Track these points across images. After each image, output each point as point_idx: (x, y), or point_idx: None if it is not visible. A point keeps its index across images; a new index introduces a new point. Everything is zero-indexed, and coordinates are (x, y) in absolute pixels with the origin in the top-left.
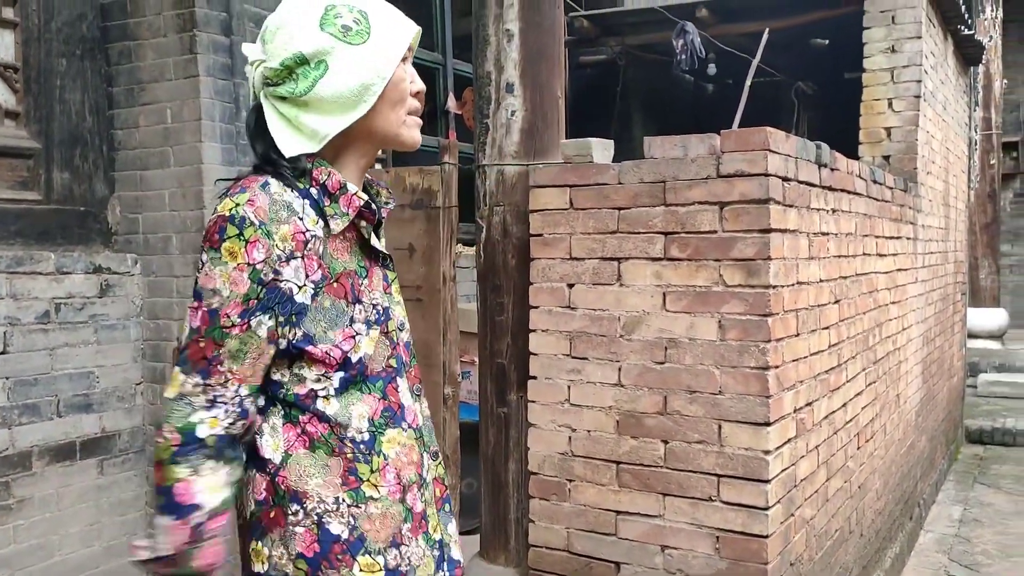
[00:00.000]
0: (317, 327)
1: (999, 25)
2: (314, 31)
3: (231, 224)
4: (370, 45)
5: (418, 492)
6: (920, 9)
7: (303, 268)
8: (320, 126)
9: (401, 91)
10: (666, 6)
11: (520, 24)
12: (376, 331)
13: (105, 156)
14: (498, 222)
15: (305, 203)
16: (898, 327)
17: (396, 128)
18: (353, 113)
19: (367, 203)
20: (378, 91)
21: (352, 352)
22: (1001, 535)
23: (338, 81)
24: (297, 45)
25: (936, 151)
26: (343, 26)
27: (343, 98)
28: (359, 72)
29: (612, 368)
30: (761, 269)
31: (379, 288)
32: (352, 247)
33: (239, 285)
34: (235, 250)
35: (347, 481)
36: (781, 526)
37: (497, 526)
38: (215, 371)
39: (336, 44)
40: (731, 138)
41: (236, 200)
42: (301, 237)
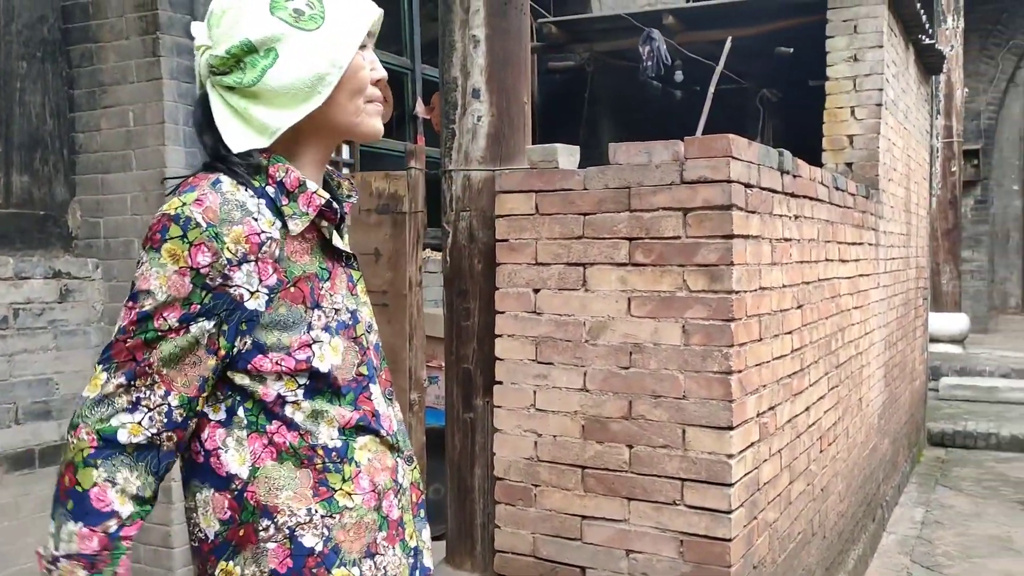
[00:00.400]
0: (269, 336)
1: (960, 35)
2: (263, 15)
3: (175, 224)
4: (324, 31)
5: (394, 498)
6: (882, 19)
7: (256, 272)
8: (270, 119)
9: (359, 80)
10: (633, 13)
11: (486, 30)
12: (340, 338)
13: (66, 159)
14: (464, 227)
15: (260, 203)
16: (860, 331)
17: (355, 119)
18: (307, 105)
19: (328, 202)
20: (334, 81)
21: (317, 362)
22: (962, 536)
23: (289, 71)
24: (244, 31)
25: (898, 158)
26: (295, 10)
27: (295, 89)
28: (312, 61)
29: (578, 373)
30: (724, 274)
31: (343, 290)
32: (313, 248)
33: (179, 289)
34: (177, 252)
35: (319, 492)
36: (744, 529)
37: (463, 532)
38: (142, 372)
39: (287, 30)
40: (695, 145)
41: (183, 199)
42: (255, 239)
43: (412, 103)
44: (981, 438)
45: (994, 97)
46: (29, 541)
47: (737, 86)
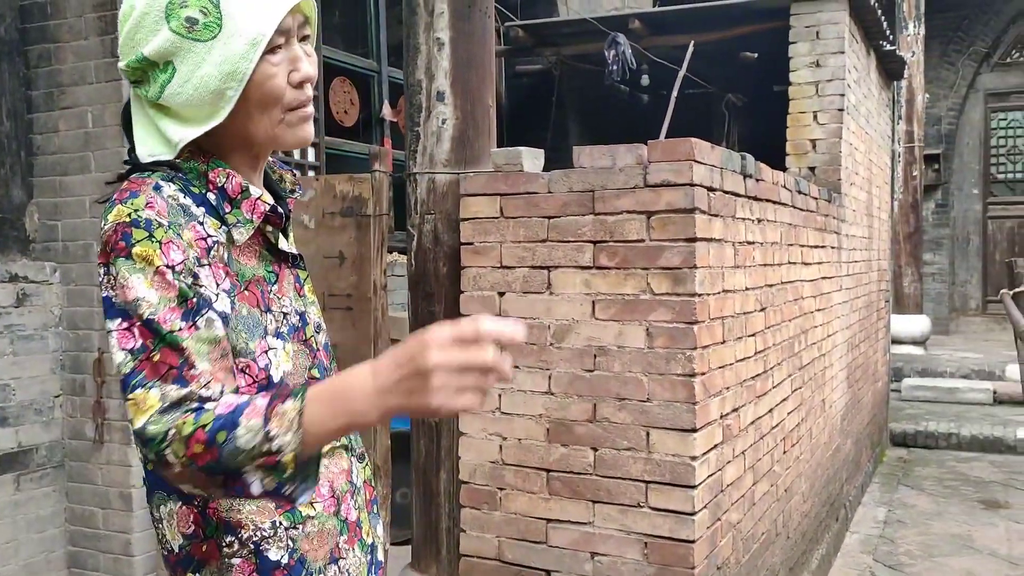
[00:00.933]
0: (238, 338)
1: (921, 41)
2: (159, 26)
3: (136, 228)
4: (221, 40)
5: (351, 500)
6: (843, 25)
7: (212, 276)
8: (173, 132)
9: (268, 91)
10: (599, 17)
11: (451, 33)
12: (291, 343)
13: (23, 161)
14: (429, 230)
15: (201, 210)
16: (823, 334)
17: (272, 131)
18: (212, 121)
19: (273, 206)
20: (234, 96)
21: (273, 370)
22: (923, 535)
23: (187, 87)
24: (140, 45)
25: (860, 163)
26: (188, 19)
27: (196, 106)
28: (208, 75)
29: (542, 376)
30: (687, 277)
31: (291, 292)
32: (259, 251)
33: (167, 288)
34: (149, 253)
35: (281, 504)
36: (707, 531)
37: (429, 536)
38: (191, 376)
39: (181, 42)
40: (658, 148)
41: (131, 205)
42: (203, 244)
43: (379, 106)
44: (942, 438)
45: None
46: None
47: (703, 90)
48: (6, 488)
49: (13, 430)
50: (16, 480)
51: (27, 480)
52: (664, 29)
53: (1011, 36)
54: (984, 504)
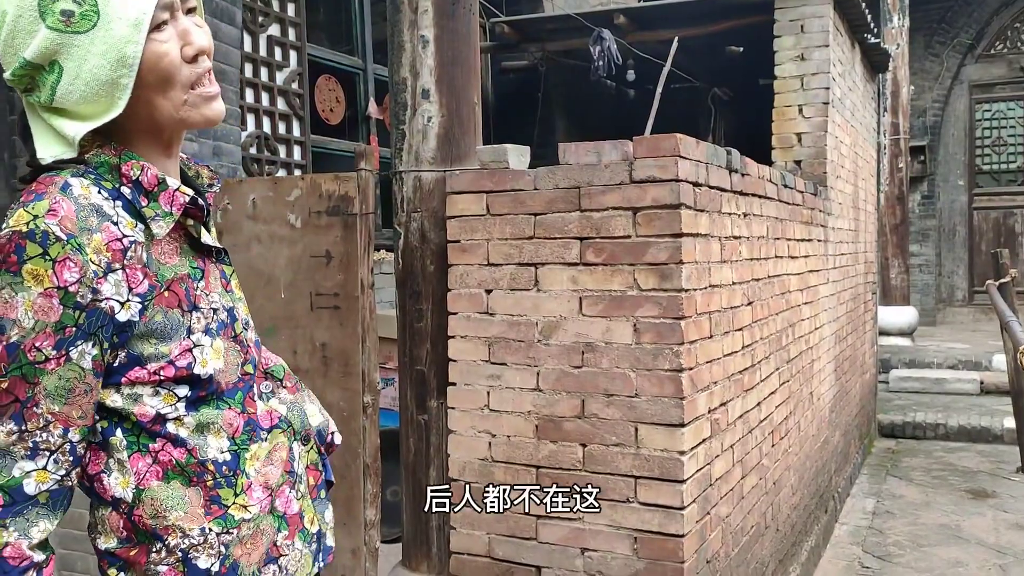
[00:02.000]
0: (146, 346)
1: (906, 33)
2: (35, 26)
3: (31, 242)
4: (102, 28)
5: (290, 492)
6: (828, 19)
7: (124, 281)
8: (71, 130)
9: (162, 71)
10: (584, 13)
11: (435, 30)
12: (220, 340)
13: (6, 163)
14: (416, 228)
15: (117, 204)
16: (811, 327)
17: (179, 114)
18: (110, 113)
19: (193, 198)
20: (129, 83)
21: (198, 368)
22: (912, 526)
23: (77, 84)
24: (19, 48)
25: (845, 155)
26: (63, 12)
27: (91, 101)
28: (97, 67)
29: (531, 373)
30: (674, 273)
31: (218, 288)
32: (181, 247)
33: (48, 313)
34: (40, 273)
35: (211, 510)
36: (697, 525)
37: (419, 534)
38: (32, 414)
39: (60, 38)
40: (643, 144)
41: (33, 211)
42: (118, 245)
43: (364, 103)
44: (930, 428)
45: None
46: None
47: (689, 85)
48: None
49: None
50: None
51: None
52: (649, 24)
53: (995, 28)
54: (972, 494)
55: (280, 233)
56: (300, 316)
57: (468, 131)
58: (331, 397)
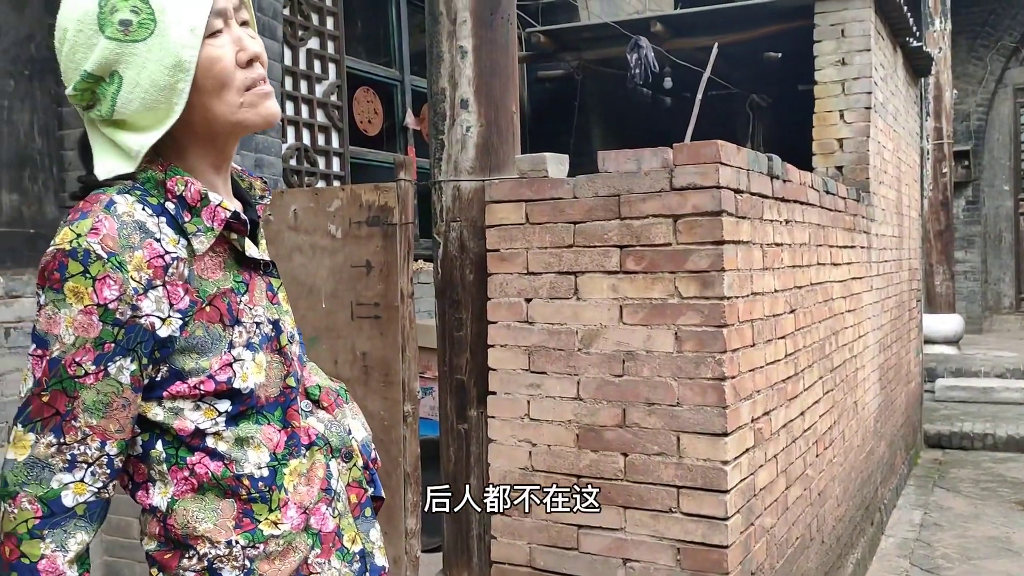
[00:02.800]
0: (187, 360)
1: (948, 37)
2: (95, 38)
3: (73, 260)
4: (159, 35)
5: (326, 509)
6: (869, 23)
7: (165, 297)
8: (133, 143)
9: (218, 75)
10: (621, 21)
11: (474, 41)
12: (263, 354)
13: (55, 177)
14: (455, 238)
15: (161, 221)
16: (854, 335)
17: (234, 117)
18: (168, 121)
19: (235, 213)
20: (186, 88)
21: (238, 382)
22: (961, 538)
23: (137, 92)
24: (80, 62)
25: (888, 161)
26: (121, 22)
27: (149, 108)
28: (156, 73)
29: (571, 382)
30: (715, 280)
31: (263, 301)
32: (225, 261)
33: (88, 329)
34: (80, 290)
35: (241, 523)
36: (741, 536)
37: (459, 543)
38: (70, 428)
39: (120, 48)
40: (683, 151)
41: (76, 229)
42: (159, 262)
43: (402, 114)
44: (978, 439)
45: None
46: None
47: (727, 92)
48: None
49: None
50: None
51: None
52: (686, 31)
53: None
54: (1022, 505)
55: (321, 243)
56: (341, 326)
57: (506, 140)
58: (372, 406)
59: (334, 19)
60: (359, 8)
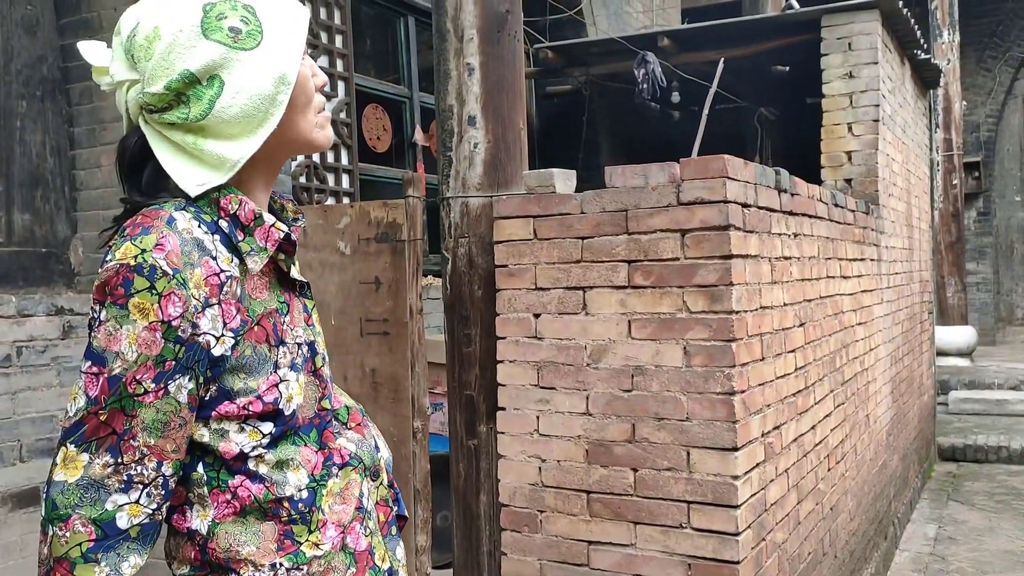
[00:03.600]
0: (236, 380)
1: (956, 48)
2: (198, 40)
3: (139, 276)
4: (266, 47)
5: (359, 528)
6: (876, 35)
7: (220, 316)
8: (228, 152)
9: (308, 92)
10: (628, 36)
11: (480, 58)
12: (302, 374)
13: (67, 197)
14: (463, 254)
15: (215, 239)
16: (865, 348)
17: (309, 134)
18: (263, 131)
19: (287, 234)
20: (285, 100)
21: (284, 403)
22: (976, 552)
23: (239, 98)
24: (182, 61)
25: (897, 173)
26: (231, 29)
27: (248, 116)
28: (260, 82)
29: (580, 397)
30: (724, 295)
31: (301, 323)
32: (271, 281)
33: (151, 346)
34: (146, 306)
35: (283, 546)
36: (752, 551)
37: (470, 560)
38: (128, 447)
39: (228, 53)
40: (690, 166)
41: (140, 244)
42: (215, 280)
43: (411, 131)
44: (992, 451)
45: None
46: None
47: (735, 106)
48: None
49: None
50: None
51: None
52: (693, 46)
53: None
54: None
55: (330, 260)
56: (350, 342)
57: (514, 156)
58: (381, 422)
59: (343, 37)
60: (368, 26)
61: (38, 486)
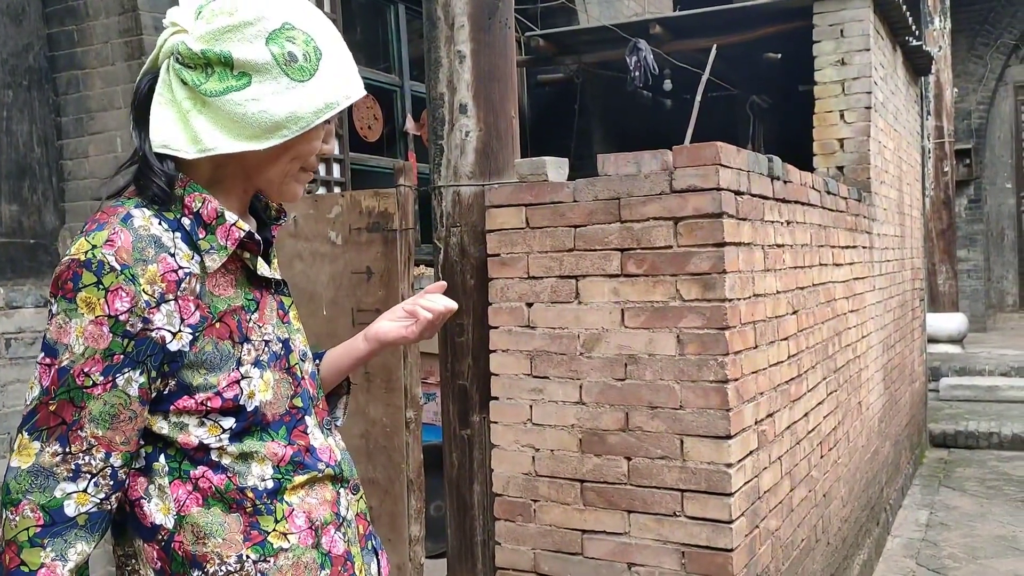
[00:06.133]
0: (195, 376)
1: (948, 35)
2: (257, 40)
3: (87, 271)
4: (307, 88)
5: (336, 533)
6: (868, 22)
7: (177, 312)
8: (207, 137)
9: (308, 149)
10: (620, 24)
11: (472, 45)
12: (271, 371)
13: (55, 187)
14: (455, 243)
15: (176, 236)
16: (857, 335)
17: (281, 181)
18: (248, 144)
19: (250, 232)
20: (288, 137)
21: (245, 400)
22: (967, 537)
23: (251, 106)
24: (232, 45)
25: (889, 160)
26: (290, 53)
27: (247, 124)
28: (278, 108)
29: (573, 386)
30: (717, 283)
31: (272, 320)
32: (237, 279)
33: (98, 340)
34: (93, 301)
35: (250, 536)
36: (746, 539)
37: (464, 549)
38: (76, 437)
39: (272, 68)
40: (683, 153)
41: (92, 240)
42: (172, 276)
43: (402, 120)
44: (983, 438)
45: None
46: None
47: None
48: None
49: None
50: None
51: None
52: (685, 33)
53: None
54: None
55: (321, 250)
56: (342, 332)
57: (506, 145)
58: (374, 413)
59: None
60: (358, 14)
61: None
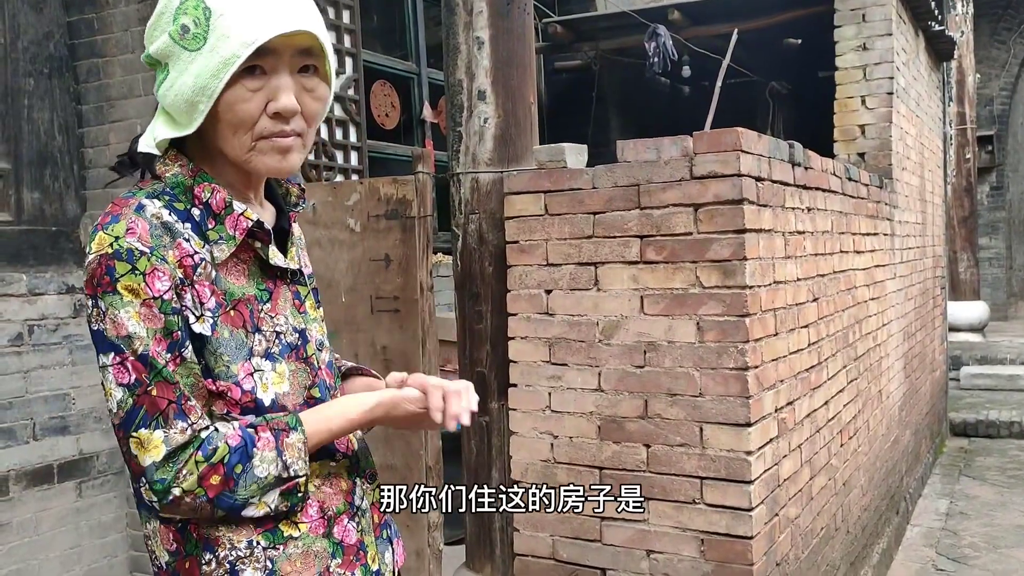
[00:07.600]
0: (219, 362)
1: (970, 20)
2: (166, 28)
3: (119, 261)
4: (203, 53)
5: (350, 522)
6: (890, 7)
7: (196, 296)
8: (159, 130)
9: (237, 114)
10: (638, 10)
11: (490, 31)
12: (285, 363)
13: (76, 175)
14: (474, 230)
15: (187, 226)
16: (878, 323)
17: (243, 156)
18: (182, 129)
19: (259, 222)
20: (204, 110)
21: (260, 392)
22: (987, 527)
23: (171, 91)
24: (151, 42)
25: (911, 147)
26: (183, 26)
27: (174, 111)
28: (185, 84)
29: (592, 373)
30: (737, 270)
31: (287, 310)
32: (250, 268)
33: (155, 320)
34: (134, 286)
35: (261, 522)
36: (765, 527)
37: (482, 536)
38: (189, 409)
39: (173, 47)
40: (703, 140)
41: (112, 232)
42: (189, 261)
43: (419, 107)
44: (1004, 427)
45: (1006, 82)
46: (50, 556)
47: (746, 79)
48: (68, 495)
49: (74, 438)
50: (78, 487)
51: (88, 487)
52: (704, 19)
53: None
54: None
55: (340, 237)
56: (361, 320)
57: (524, 131)
58: None
59: (350, 13)
60: (375, 2)
61: (52, 464)
